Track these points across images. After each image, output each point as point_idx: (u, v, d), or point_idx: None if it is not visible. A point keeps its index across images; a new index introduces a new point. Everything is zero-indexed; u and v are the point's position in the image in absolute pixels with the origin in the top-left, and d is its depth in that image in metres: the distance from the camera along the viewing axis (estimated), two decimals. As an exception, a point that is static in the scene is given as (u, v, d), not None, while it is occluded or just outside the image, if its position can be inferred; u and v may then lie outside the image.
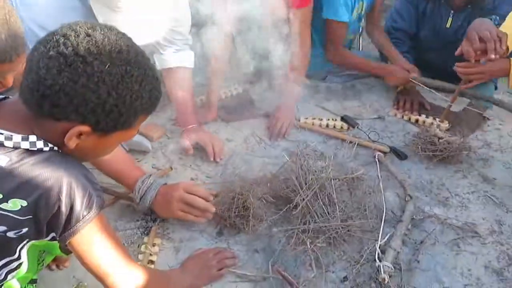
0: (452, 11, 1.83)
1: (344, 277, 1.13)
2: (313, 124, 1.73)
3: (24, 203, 0.73)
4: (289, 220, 1.25)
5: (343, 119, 1.76)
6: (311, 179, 1.27)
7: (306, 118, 1.75)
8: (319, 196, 1.24)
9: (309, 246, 1.15)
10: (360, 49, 2.49)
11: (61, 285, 1.09)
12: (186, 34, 1.60)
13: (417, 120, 1.76)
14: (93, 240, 0.82)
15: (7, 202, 0.73)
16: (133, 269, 0.90)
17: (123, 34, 0.78)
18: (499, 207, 1.36)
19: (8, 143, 0.74)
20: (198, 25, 1.59)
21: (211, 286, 1.11)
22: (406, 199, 1.34)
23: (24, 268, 0.87)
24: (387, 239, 1.20)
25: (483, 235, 1.26)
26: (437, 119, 1.72)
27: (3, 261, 0.82)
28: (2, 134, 0.74)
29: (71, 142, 0.77)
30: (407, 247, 1.22)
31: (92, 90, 0.72)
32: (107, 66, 0.72)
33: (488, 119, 1.76)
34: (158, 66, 1.63)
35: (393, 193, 1.40)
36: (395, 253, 1.16)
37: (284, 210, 1.25)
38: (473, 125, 1.73)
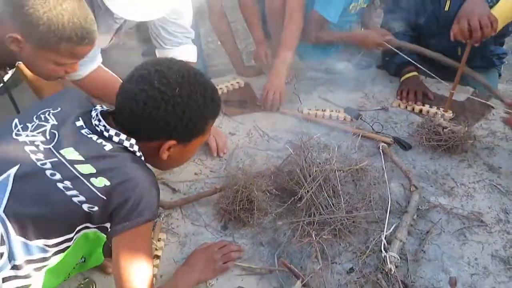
0: None
1: (350, 269, 1.13)
2: (316, 116, 1.72)
3: (108, 183, 0.85)
4: (294, 212, 1.25)
5: (346, 110, 1.75)
6: (315, 171, 1.26)
7: (309, 110, 1.74)
8: (323, 188, 1.23)
9: (314, 238, 1.14)
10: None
11: (69, 281, 1.09)
12: (187, 27, 1.59)
13: (421, 110, 1.75)
14: (135, 244, 0.88)
15: (96, 178, 0.85)
16: None
17: (182, 61, 0.96)
18: (505, 196, 1.35)
19: (115, 138, 0.91)
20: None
21: (217, 280, 1.11)
22: (411, 190, 1.34)
23: (65, 263, 0.91)
24: (393, 229, 1.20)
25: (489, 224, 1.25)
26: (441, 108, 1.71)
27: (60, 239, 0.87)
28: (112, 130, 0.91)
29: (164, 155, 0.96)
30: (413, 237, 1.21)
31: (171, 112, 0.90)
32: (176, 90, 0.89)
33: (492, 107, 1.75)
34: None
35: (398, 183, 1.39)
36: (401, 243, 1.16)
37: (289, 202, 1.24)
38: (478, 114, 1.72)
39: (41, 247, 0.86)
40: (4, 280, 0.84)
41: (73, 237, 0.88)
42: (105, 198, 0.84)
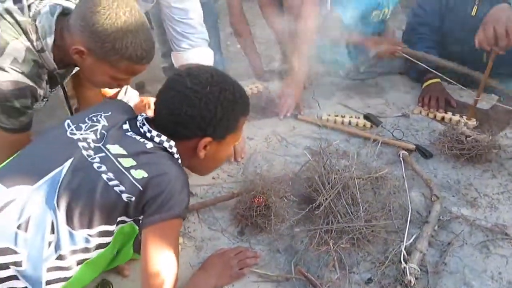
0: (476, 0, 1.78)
1: (368, 279, 1.10)
2: (335, 122, 1.70)
3: (146, 175, 0.91)
4: (312, 220, 1.23)
5: (366, 117, 1.72)
6: (334, 178, 1.24)
7: (329, 115, 1.72)
8: (342, 196, 1.21)
9: (332, 247, 1.12)
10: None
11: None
12: (197, 26, 1.58)
13: (443, 118, 1.71)
14: (163, 238, 0.92)
15: (135, 170, 0.92)
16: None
17: (210, 66, 1.12)
18: (530, 208, 1.31)
19: (156, 139, 0.99)
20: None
21: (233, 286, 1.10)
22: (433, 199, 1.31)
23: (103, 259, 0.96)
24: (413, 240, 1.17)
25: (514, 237, 1.21)
26: (464, 116, 1.67)
27: (103, 228, 0.91)
28: (154, 132, 0.99)
29: (202, 153, 1.02)
30: (434, 248, 1.18)
31: (204, 109, 0.97)
32: (207, 88, 0.97)
33: (518, 116, 1.70)
34: (175, 63, 1.62)
35: (419, 193, 1.36)
36: (421, 255, 1.13)
37: (307, 209, 1.23)
38: (502, 122, 1.67)
39: (85, 237, 0.90)
40: (48, 270, 0.88)
41: (113, 230, 0.93)
42: (141, 189, 0.90)
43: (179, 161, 1.01)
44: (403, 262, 1.10)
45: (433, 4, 1.90)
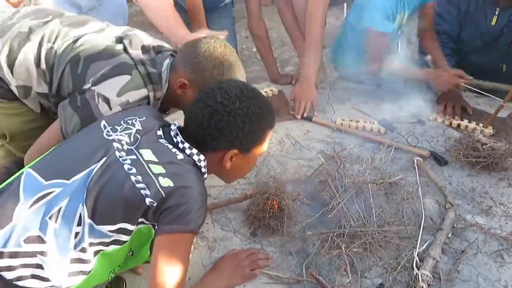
0: (497, 9, 1.76)
1: (380, 284, 1.10)
2: (349, 126, 1.70)
3: (172, 185, 0.93)
4: (324, 223, 1.23)
5: (380, 122, 1.72)
6: (348, 182, 1.25)
7: (343, 120, 1.72)
8: (355, 200, 1.21)
9: (344, 251, 1.13)
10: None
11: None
12: None
13: (459, 125, 1.70)
14: (175, 249, 0.94)
15: (163, 178, 0.94)
16: None
17: (240, 80, 1.14)
18: (547, 219, 1.29)
19: (187, 151, 1.02)
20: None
21: (244, 287, 1.11)
22: (447, 207, 1.30)
23: (119, 254, 0.98)
24: (426, 247, 1.17)
25: (530, 247, 1.20)
26: (480, 124, 1.66)
27: (123, 225, 0.94)
28: (186, 144, 1.02)
29: (228, 164, 1.05)
30: (447, 256, 1.18)
31: (233, 122, 1.00)
32: (237, 103, 1.01)
33: (536, 125, 1.68)
34: None
35: (433, 200, 1.36)
36: (434, 262, 1.12)
37: (320, 213, 1.23)
38: (520, 131, 1.65)
39: (105, 232, 0.93)
40: (71, 261, 0.92)
41: (132, 230, 0.96)
42: (164, 196, 0.92)
43: (205, 175, 1.05)
44: (415, 269, 1.09)
45: (451, 11, 1.89)
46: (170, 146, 1.01)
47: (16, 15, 1.27)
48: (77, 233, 0.92)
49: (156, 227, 0.96)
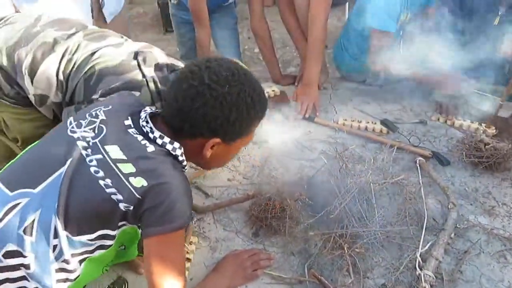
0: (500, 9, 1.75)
1: (382, 284, 1.10)
2: (351, 127, 1.70)
3: (145, 183, 0.86)
4: (326, 223, 1.23)
5: (382, 122, 1.72)
6: (350, 182, 1.24)
7: (345, 120, 1.72)
8: (357, 200, 1.21)
9: (346, 251, 1.13)
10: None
11: (102, 277, 1.12)
12: None
13: (461, 125, 1.70)
14: (165, 249, 0.89)
15: (134, 177, 0.86)
16: None
17: (231, 59, 0.96)
18: (550, 219, 1.28)
19: (159, 141, 0.92)
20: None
21: (246, 287, 1.11)
22: (449, 207, 1.29)
23: (107, 254, 0.94)
24: (428, 247, 1.16)
25: (533, 247, 1.19)
26: (483, 124, 1.65)
27: (103, 232, 0.89)
28: (157, 132, 0.92)
29: (208, 153, 0.96)
30: (450, 256, 1.17)
31: (218, 109, 0.89)
32: (226, 88, 0.89)
33: (539, 125, 1.67)
34: None
35: (435, 200, 1.35)
36: (437, 262, 1.12)
37: (322, 213, 1.23)
38: (523, 131, 1.64)
39: (85, 242, 0.89)
40: (56, 271, 0.89)
41: (115, 235, 0.91)
42: (140, 197, 0.85)
43: (184, 163, 0.96)
44: (418, 269, 1.09)
45: (455, 11, 1.88)
46: (140, 138, 0.91)
47: (38, 22, 1.27)
48: (55, 246, 0.87)
49: (141, 229, 0.91)
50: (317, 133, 1.69)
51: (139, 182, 0.86)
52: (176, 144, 0.93)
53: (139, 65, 1.21)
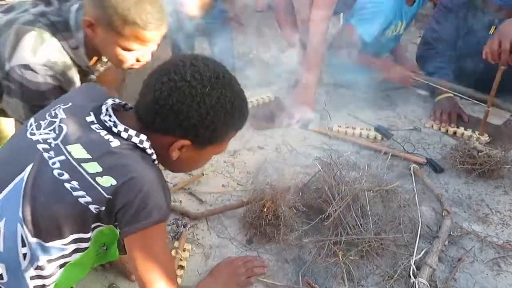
0: (496, 20, 1.77)
1: (376, 292, 1.10)
2: (346, 133, 1.70)
3: (114, 182, 0.81)
4: (321, 231, 1.23)
5: (376, 129, 1.72)
6: (344, 189, 1.24)
7: (339, 127, 1.72)
8: (352, 208, 1.21)
9: (340, 259, 1.12)
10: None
11: (94, 286, 1.11)
12: None
13: (455, 132, 1.71)
14: (148, 245, 0.86)
15: (102, 177, 0.82)
16: None
17: (220, 63, 0.91)
18: (543, 226, 1.29)
19: (124, 134, 0.87)
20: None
21: (240, 295, 1.10)
22: (443, 214, 1.29)
23: (87, 257, 0.91)
24: (423, 255, 1.16)
25: (526, 255, 1.20)
26: (476, 131, 1.66)
27: (76, 236, 0.85)
28: (121, 126, 0.87)
29: (174, 154, 0.90)
30: (444, 264, 1.17)
31: (194, 109, 0.84)
32: (207, 89, 0.84)
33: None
34: None
35: (429, 207, 1.35)
36: (431, 270, 1.12)
37: (316, 220, 1.22)
38: (515, 138, 1.66)
39: (59, 247, 0.85)
40: (32, 278, 0.86)
41: (89, 237, 0.87)
42: (111, 197, 0.81)
43: (154, 156, 0.90)
44: (412, 277, 1.09)
45: (450, 19, 1.89)
46: (103, 133, 0.86)
47: None
48: (24, 254, 0.83)
49: (118, 229, 0.87)
50: (312, 140, 1.69)
51: (107, 181, 0.81)
52: (143, 136, 0.87)
53: (26, 10, 1.19)
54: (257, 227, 1.22)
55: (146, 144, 0.88)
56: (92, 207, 0.82)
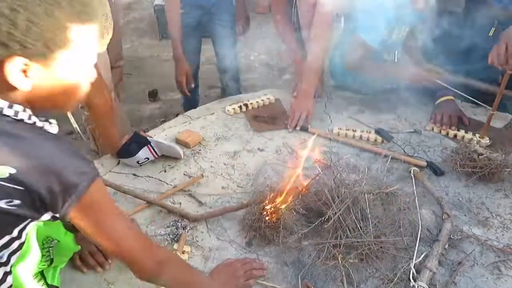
0: (496, 21, 1.77)
1: (375, 296, 1.09)
2: (346, 136, 1.70)
3: (13, 171, 0.70)
4: (320, 233, 1.22)
5: (377, 132, 1.72)
6: (344, 192, 1.24)
7: (340, 129, 1.72)
8: (351, 210, 1.20)
9: (340, 262, 1.12)
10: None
11: (92, 287, 1.11)
12: None
13: (455, 135, 1.70)
14: (94, 210, 0.79)
15: None
16: (148, 243, 0.90)
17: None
18: (544, 230, 1.28)
19: None
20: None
21: (239, 297, 1.10)
22: (443, 217, 1.29)
23: (29, 252, 0.85)
24: (422, 258, 1.16)
25: (527, 259, 1.19)
26: (477, 134, 1.66)
27: (2, 241, 0.77)
28: None
29: (21, 80, 0.72)
30: (444, 267, 1.17)
31: None
32: None
33: (532, 136, 1.68)
34: None
35: (429, 210, 1.35)
36: (431, 273, 1.11)
37: (316, 223, 1.22)
38: (516, 141, 1.65)
39: None
40: None
41: (18, 235, 0.78)
42: (22, 188, 0.71)
43: (38, 123, 0.76)
44: (412, 280, 1.08)
45: (451, 23, 1.89)
46: None
47: None
48: None
49: (58, 215, 0.77)
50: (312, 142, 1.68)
51: (4, 171, 0.69)
52: (18, 107, 0.74)
53: None
54: (257, 229, 1.22)
55: (24, 115, 0.74)
56: (1, 203, 0.71)
